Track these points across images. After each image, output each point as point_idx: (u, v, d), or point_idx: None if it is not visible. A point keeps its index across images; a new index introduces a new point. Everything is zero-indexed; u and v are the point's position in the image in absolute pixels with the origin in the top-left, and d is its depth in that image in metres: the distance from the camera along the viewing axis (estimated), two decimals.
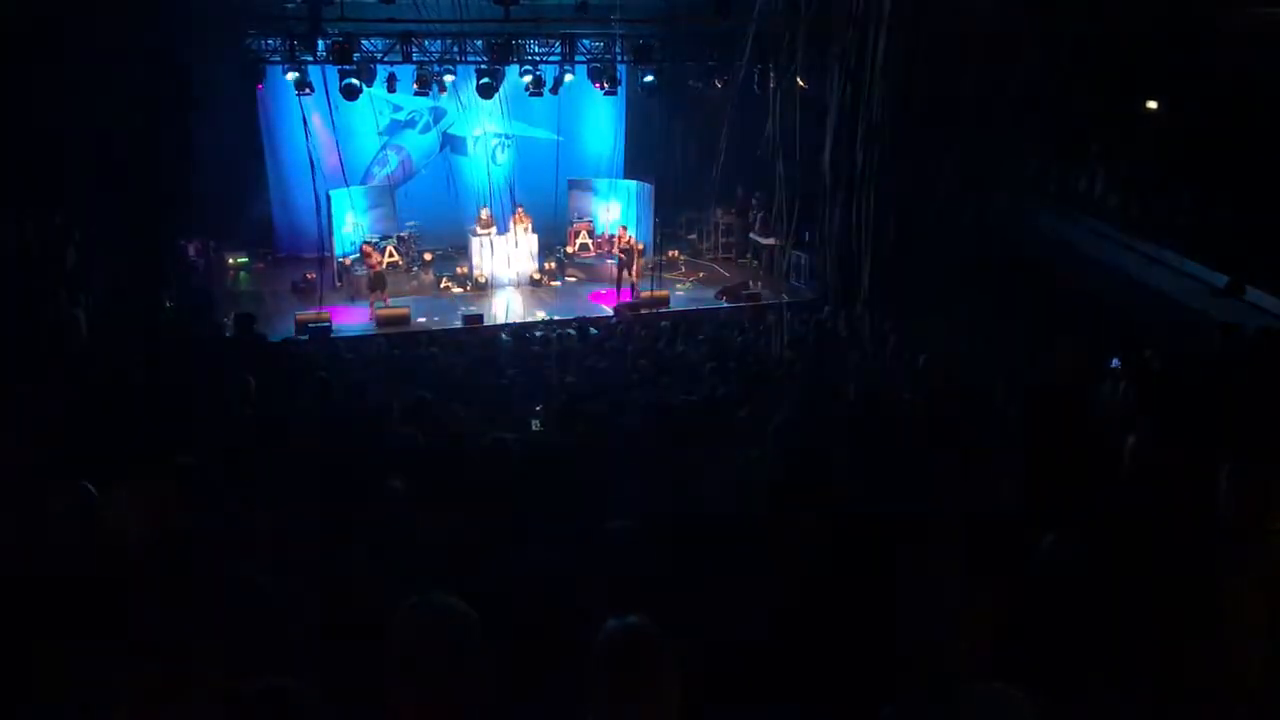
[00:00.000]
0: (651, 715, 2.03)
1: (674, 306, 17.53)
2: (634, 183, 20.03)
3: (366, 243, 17.56)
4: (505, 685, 2.55)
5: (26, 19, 12.65)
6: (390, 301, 16.70)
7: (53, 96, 14.03)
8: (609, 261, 18.65)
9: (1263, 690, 2.73)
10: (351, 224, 18.07)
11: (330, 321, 15.70)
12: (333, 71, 15.97)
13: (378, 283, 16.66)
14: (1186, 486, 3.28)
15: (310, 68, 16.21)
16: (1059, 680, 2.41)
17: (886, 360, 12.31)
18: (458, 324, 16.21)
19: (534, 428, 8.12)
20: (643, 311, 16.85)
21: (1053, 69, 9.56)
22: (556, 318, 16.27)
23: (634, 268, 17.85)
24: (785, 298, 15.13)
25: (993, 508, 3.58)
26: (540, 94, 17.76)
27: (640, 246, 18.50)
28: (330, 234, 17.65)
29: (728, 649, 2.81)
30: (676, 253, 20.14)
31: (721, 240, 20.75)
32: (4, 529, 3.68)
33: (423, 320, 16.50)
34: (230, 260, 18.81)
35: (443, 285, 18.09)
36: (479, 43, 16.51)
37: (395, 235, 18.24)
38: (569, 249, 19.78)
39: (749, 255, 20.39)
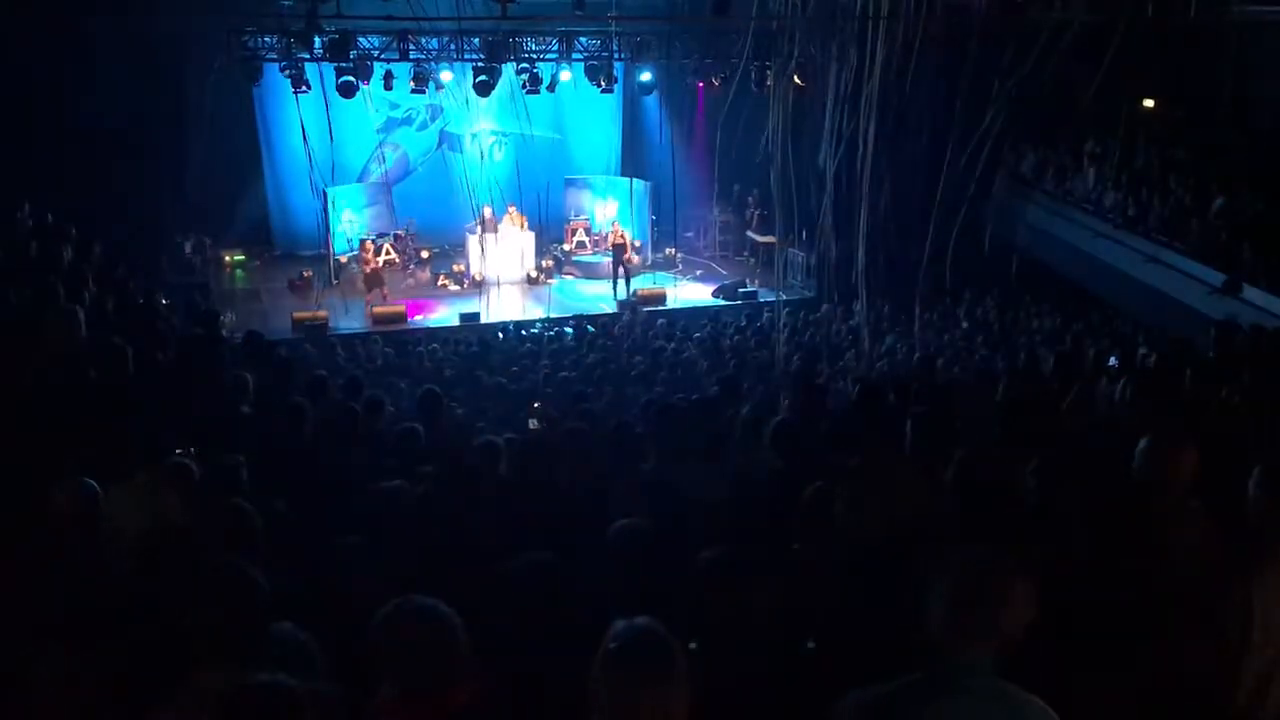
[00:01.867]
0: (660, 717, 2.03)
1: (671, 304, 17.53)
2: (631, 180, 20.00)
3: (366, 240, 17.52)
4: (507, 685, 2.55)
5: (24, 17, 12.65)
6: (387, 299, 16.69)
7: (50, 96, 14.05)
8: (605, 259, 18.65)
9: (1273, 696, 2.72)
10: (348, 222, 18.05)
11: (327, 319, 15.69)
12: (329, 69, 15.93)
13: (374, 281, 16.65)
14: (1198, 488, 3.25)
15: (307, 65, 16.17)
16: (1063, 681, 2.41)
17: (883, 357, 12.35)
18: (455, 322, 16.21)
19: (531, 426, 8.12)
20: (639, 309, 16.85)
21: (1049, 66, 9.57)
22: (553, 315, 16.26)
23: (629, 263, 17.85)
24: (782, 295, 15.13)
25: (991, 506, 3.58)
26: (537, 92, 17.71)
27: (636, 244, 18.47)
28: (328, 231, 17.63)
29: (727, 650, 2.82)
30: (674, 250, 20.14)
31: (719, 238, 20.75)
32: (6, 528, 3.68)
33: (419, 318, 16.50)
34: (227, 258, 18.78)
35: (440, 283, 18.08)
36: (476, 40, 16.49)
37: (392, 233, 18.20)
38: (566, 247, 19.78)
39: (746, 253, 20.39)
